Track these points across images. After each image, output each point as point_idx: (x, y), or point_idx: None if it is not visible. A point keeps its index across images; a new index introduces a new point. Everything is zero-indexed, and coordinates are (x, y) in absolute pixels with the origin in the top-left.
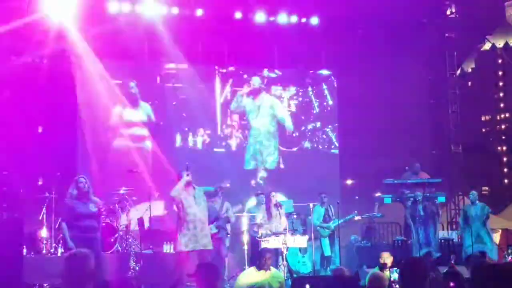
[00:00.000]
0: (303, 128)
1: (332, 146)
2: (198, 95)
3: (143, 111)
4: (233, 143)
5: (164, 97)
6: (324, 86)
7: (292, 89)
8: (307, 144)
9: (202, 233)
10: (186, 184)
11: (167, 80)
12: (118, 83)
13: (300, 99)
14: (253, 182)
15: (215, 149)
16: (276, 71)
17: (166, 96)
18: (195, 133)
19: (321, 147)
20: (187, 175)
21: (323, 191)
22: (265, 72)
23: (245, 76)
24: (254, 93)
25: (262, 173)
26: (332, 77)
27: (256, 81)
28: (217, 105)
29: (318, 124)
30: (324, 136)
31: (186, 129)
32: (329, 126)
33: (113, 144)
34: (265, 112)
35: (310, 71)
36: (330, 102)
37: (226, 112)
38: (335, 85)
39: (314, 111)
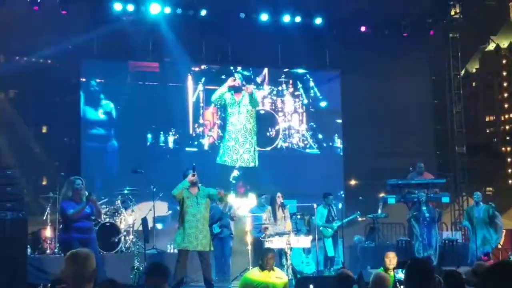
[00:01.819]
0: (277, 127)
1: (308, 146)
2: (170, 94)
3: (104, 110)
4: (206, 142)
5: (134, 96)
6: (299, 85)
7: (266, 88)
8: (281, 144)
9: (201, 234)
10: (191, 184)
11: (138, 79)
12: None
13: (274, 97)
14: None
15: (187, 149)
16: (251, 69)
17: (137, 95)
18: (166, 132)
19: (296, 147)
20: (193, 175)
21: (329, 192)
22: (239, 71)
23: (223, 76)
24: (236, 89)
25: (234, 173)
26: (308, 75)
27: (239, 77)
28: (189, 104)
29: (293, 123)
30: (299, 136)
31: (156, 128)
32: (304, 126)
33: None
34: (244, 109)
35: (285, 70)
36: (305, 101)
37: (199, 111)
38: (311, 84)
39: (289, 110)
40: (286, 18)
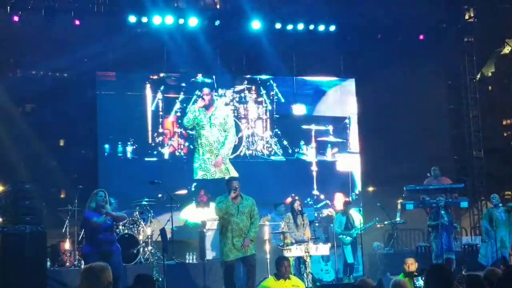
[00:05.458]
0: (240, 134)
1: (273, 152)
2: (128, 103)
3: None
4: (166, 151)
5: (92, 105)
6: (263, 91)
7: (228, 95)
8: (245, 151)
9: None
10: (234, 197)
11: (96, 88)
12: None
13: (236, 104)
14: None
15: (146, 158)
16: (213, 76)
17: (95, 104)
18: (124, 142)
19: (259, 154)
20: (234, 192)
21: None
22: (199, 78)
23: (183, 84)
24: (206, 105)
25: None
26: (271, 81)
27: (206, 91)
28: (148, 112)
29: (256, 130)
30: (263, 143)
31: (113, 137)
32: (268, 132)
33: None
34: (217, 122)
35: (247, 76)
36: (269, 107)
37: (158, 120)
38: (275, 90)
39: (251, 117)
40: (300, 26)
